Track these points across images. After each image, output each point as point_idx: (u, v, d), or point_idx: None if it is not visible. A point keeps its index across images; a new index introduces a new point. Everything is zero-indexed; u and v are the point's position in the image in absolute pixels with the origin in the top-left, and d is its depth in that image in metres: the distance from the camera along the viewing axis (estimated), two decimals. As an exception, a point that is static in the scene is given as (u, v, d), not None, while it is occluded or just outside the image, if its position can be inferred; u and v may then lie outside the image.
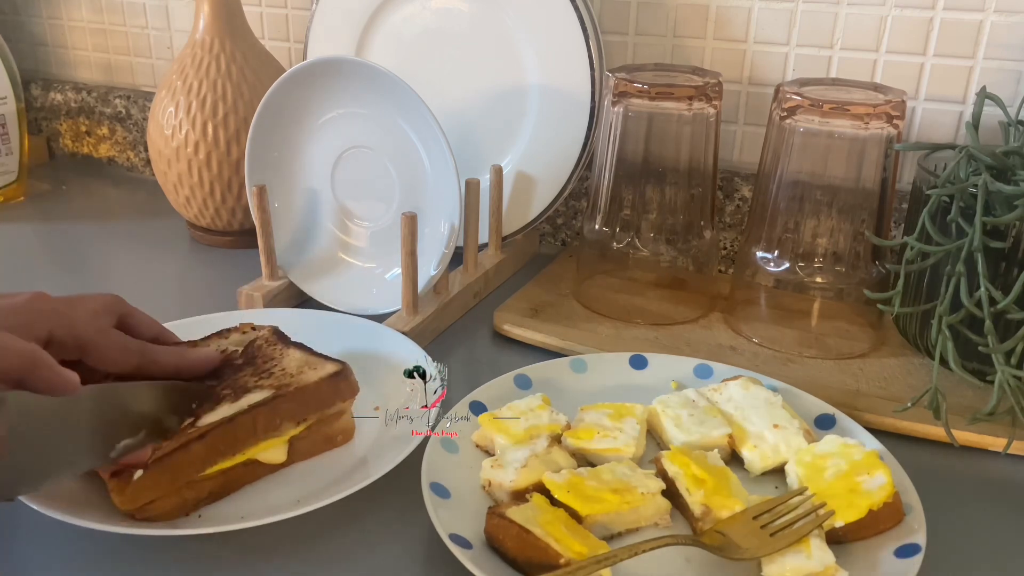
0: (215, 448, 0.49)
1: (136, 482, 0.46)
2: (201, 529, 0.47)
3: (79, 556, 0.48)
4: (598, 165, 0.75)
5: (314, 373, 0.54)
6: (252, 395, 0.52)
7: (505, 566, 0.45)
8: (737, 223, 0.84)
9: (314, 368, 0.55)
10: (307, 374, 0.54)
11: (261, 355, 0.57)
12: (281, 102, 0.72)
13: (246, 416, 0.50)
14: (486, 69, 0.81)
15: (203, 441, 0.48)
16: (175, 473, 0.48)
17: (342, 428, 0.56)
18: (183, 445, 0.48)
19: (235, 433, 0.50)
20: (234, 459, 0.50)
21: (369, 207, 0.76)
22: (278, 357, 0.57)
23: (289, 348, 0.57)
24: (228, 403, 0.51)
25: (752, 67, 0.81)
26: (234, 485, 0.51)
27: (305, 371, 0.54)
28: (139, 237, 0.96)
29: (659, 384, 0.62)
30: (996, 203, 0.58)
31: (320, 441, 0.55)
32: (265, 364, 0.56)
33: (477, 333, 0.74)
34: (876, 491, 0.48)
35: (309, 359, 0.56)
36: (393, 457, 0.52)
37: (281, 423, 0.52)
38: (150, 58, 1.13)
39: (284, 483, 0.53)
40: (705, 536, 0.47)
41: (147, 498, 0.47)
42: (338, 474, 0.53)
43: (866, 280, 0.68)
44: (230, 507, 0.51)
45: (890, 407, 0.60)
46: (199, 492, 0.50)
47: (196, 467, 0.48)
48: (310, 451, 0.55)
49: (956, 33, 0.73)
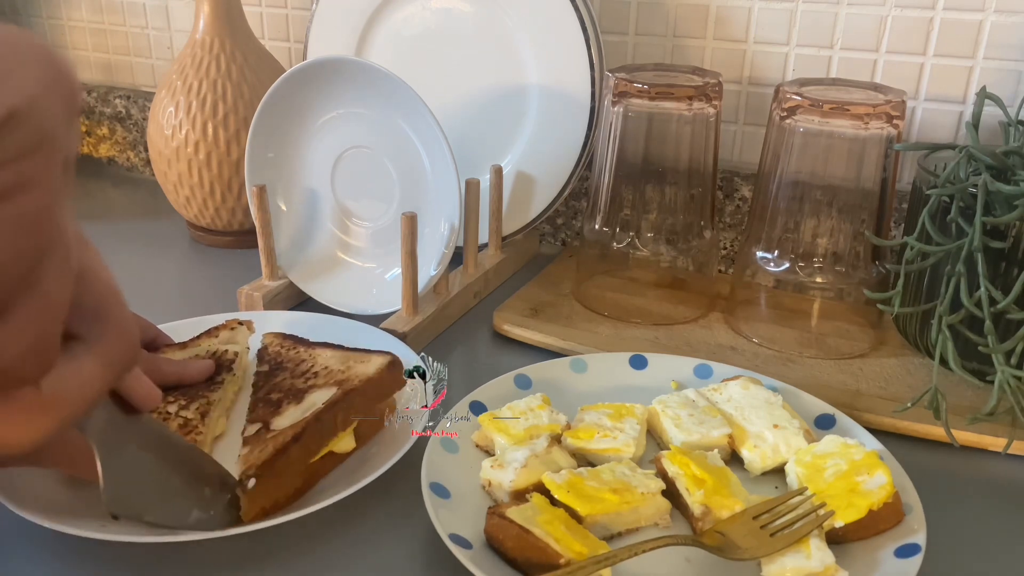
0: (308, 447, 0.50)
1: (251, 492, 0.47)
2: (200, 535, 0.47)
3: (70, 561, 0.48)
4: (598, 165, 0.75)
5: (367, 366, 0.55)
6: (318, 394, 0.53)
7: (505, 566, 0.45)
8: (737, 223, 0.84)
9: (362, 362, 0.56)
10: (359, 368, 0.55)
11: (288, 359, 0.58)
12: (281, 102, 0.72)
13: (327, 414, 0.51)
14: (486, 69, 0.81)
15: (298, 443, 0.49)
16: (280, 476, 0.49)
17: (387, 405, 0.57)
18: (281, 450, 0.48)
19: (321, 431, 0.51)
20: (320, 455, 0.52)
21: (369, 207, 0.76)
22: (308, 358, 0.58)
23: (315, 348, 0.59)
24: (293, 406, 0.52)
25: (752, 67, 0.81)
26: (316, 478, 0.52)
27: (354, 365, 0.55)
28: (139, 237, 0.96)
29: (659, 384, 0.62)
30: (996, 203, 0.58)
31: (374, 424, 0.56)
32: (299, 366, 0.57)
33: (477, 333, 0.74)
34: (876, 491, 0.48)
35: (347, 354, 0.57)
36: (392, 457, 0.52)
37: (354, 415, 0.53)
38: (150, 58, 1.13)
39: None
40: (705, 536, 0.47)
41: (261, 504, 0.48)
42: (337, 475, 0.53)
43: (866, 280, 0.68)
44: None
45: (890, 407, 0.60)
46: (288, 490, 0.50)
47: (295, 467, 0.50)
48: (369, 434, 0.56)
49: (956, 33, 0.73)
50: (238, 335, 0.64)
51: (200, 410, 0.55)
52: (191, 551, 0.48)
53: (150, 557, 0.48)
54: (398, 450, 0.53)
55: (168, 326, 0.66)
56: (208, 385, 0.58)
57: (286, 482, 0.49)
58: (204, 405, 0.56)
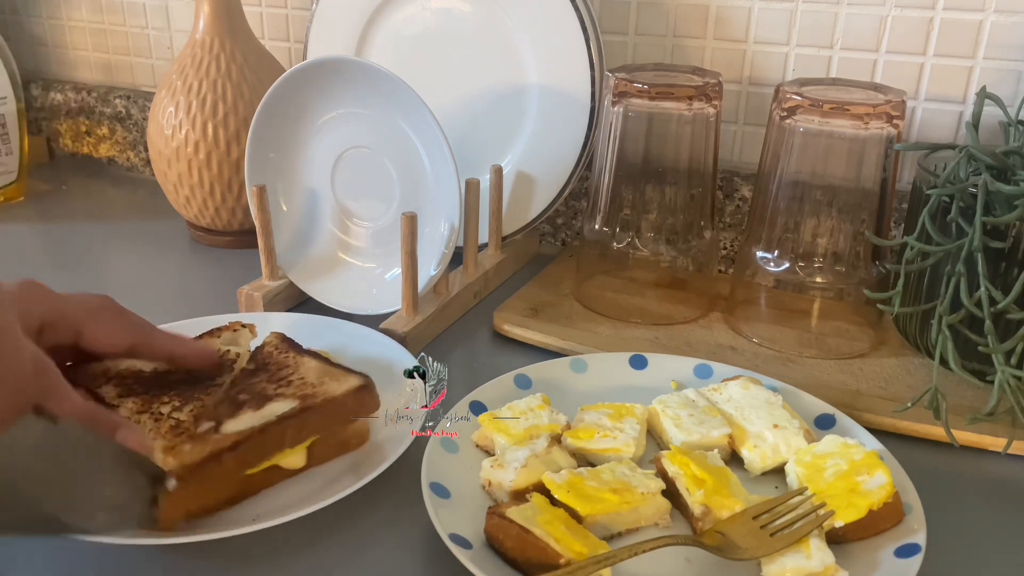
0: (244, 459, 0.49)
1: (171, 494, 0.45)
2: (196, 537, 0.47)
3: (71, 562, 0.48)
4: (598, 165, 0.75)
5: (337, 385, 0.54)
6: (276, 404, 0.52)
7: (505, 566, 0.45)
8: (737, 223, 0.84)
9: (336, 380, 0.54)
10: (329, 385, 0.54)
11: (274, 362, 0.57)
12: (281, 102, 0.72)
13: (276, 427, 0.50)
14: (486, 69, 0.81)
15: (234, 452, 0.48)
16: (206, 483, 0.47)
17: (356, 432, 0.56)
18: (214, 455, 0.47)
19: (264, 443, 0.50)
20: (259, 467, 0.50)
21: (369, 207, 0.76)
22: (293, 365, 0.56)
23: (303, 356, 0.57)
24: (251, 411, 0.51)
25: (752, 67, 0.81)
26: (252, 490, 0.51)
27: (327, 382, 0.54)
28: (139, 237, 0.96)
29: (659, 384, 0.62)
30: (996, 203, 0.58)
31: (335, 445, 0.55)
32: (280, 371, 0.56)
33: (477, 333, 0.74)
34: (876, 491, 0.48)
35: (328, 369, 0.56)
36: (390, 456, 0.52)
37: (308, 434, 0.52)
38: (150, 58, 1.13)
39: (282, 486, 0.53)
40: (705, 536, 0.47)
41: (182, 509, 0.47)
42: (337, 475, 0.53)
43: (866, 280, 0.68)
44: (227, 512, 0.50)
45: (890, 407, 0.60)
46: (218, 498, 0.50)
47: (226, 476, 0.48)
48: (326, 455, 0.54)
49: (956, 33, 0.73)
50: (240, 337, 0.63)
51: (194, 412, 0.53)
52: (188, 555, 0.48)
53: (150, 557, 0.48)
54: (395, 450, 0.52)
55: (168, 326, 0.66)
56: (205, 387, 0.56)
57: (214, 489, 0.48)
58: (198, 408, 0.54)
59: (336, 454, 0.55)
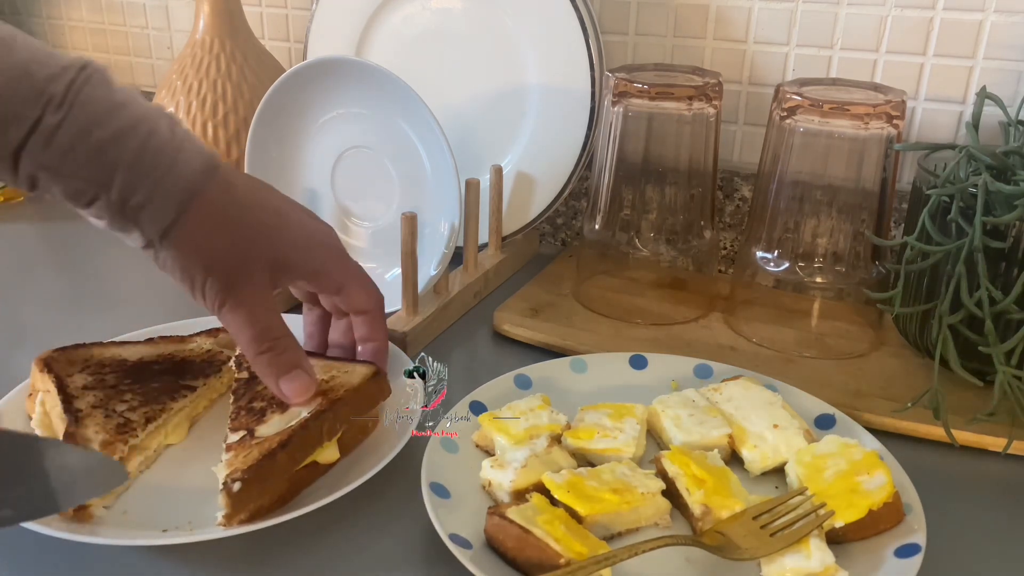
0: (293, 455, 0.50)
1: (236, 495, 0.46)
2: (197, 537, 0.47)
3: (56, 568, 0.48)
4: (598, 165, 0.75)
5: (349, 376, 0.55)
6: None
7: (505, 566, 0.45)
8: (737, 223, 0.84)
9: (345, 372, 0.55)
10: (342, 378, 0.55)
11: None
12: (281, 102, 0.72)
13: (315, 422, 0.51)
14: (486, 69, 0.81)
15: (285, 449, 0.49)
16: (265, 482, 0.48)
17: (372, 415, 0.57)
18: (269, 454, 0.48)
19: (307, 438, 0.51)
20: (304, 463, 0.51)
21: (369, 207, 0.76)
22: None
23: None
24: (278, 414, 0.52)
25: (752, 67, 0.81)
26: (297, 489, 0.51)
27: (337, 376, 0.55)
28: (139, 237, 0.96)
29: (659, 384, 0.62)
30: (996, 203, 0.58)
31: (357, 433, 0.56)
32: None
33: (477, 333, 0.74)
34: (876, 491, 0.48)
35: (330, 364, 0.57)
36: (388, 455, 0.52)
37: (340, 425, 0.53)
38: (150, 58, 1.13)
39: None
40: (705, 536, 0.47)
41: (246, 508, 0.47)
42: (336, 474, 0.53)
43: (866, 280, 0.68)
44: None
45: (890, 407, 0.60)
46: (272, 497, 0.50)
47: (281, 474, 0.49)
48: (352, 444, 0.55)
49: (956, 33, 0.73)
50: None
51: (147, 415, 0.54)
52: (188, 555, 0.48)
53: (151, 557, 0.48)
54: (394, 448, 0.53)
55: (168, 326, 0.66)
56: (173, 392, 0.57)
57: (271, 488, 0.49)
58: (156, 411, 0.54)
59: (359, 441, 0.56)
